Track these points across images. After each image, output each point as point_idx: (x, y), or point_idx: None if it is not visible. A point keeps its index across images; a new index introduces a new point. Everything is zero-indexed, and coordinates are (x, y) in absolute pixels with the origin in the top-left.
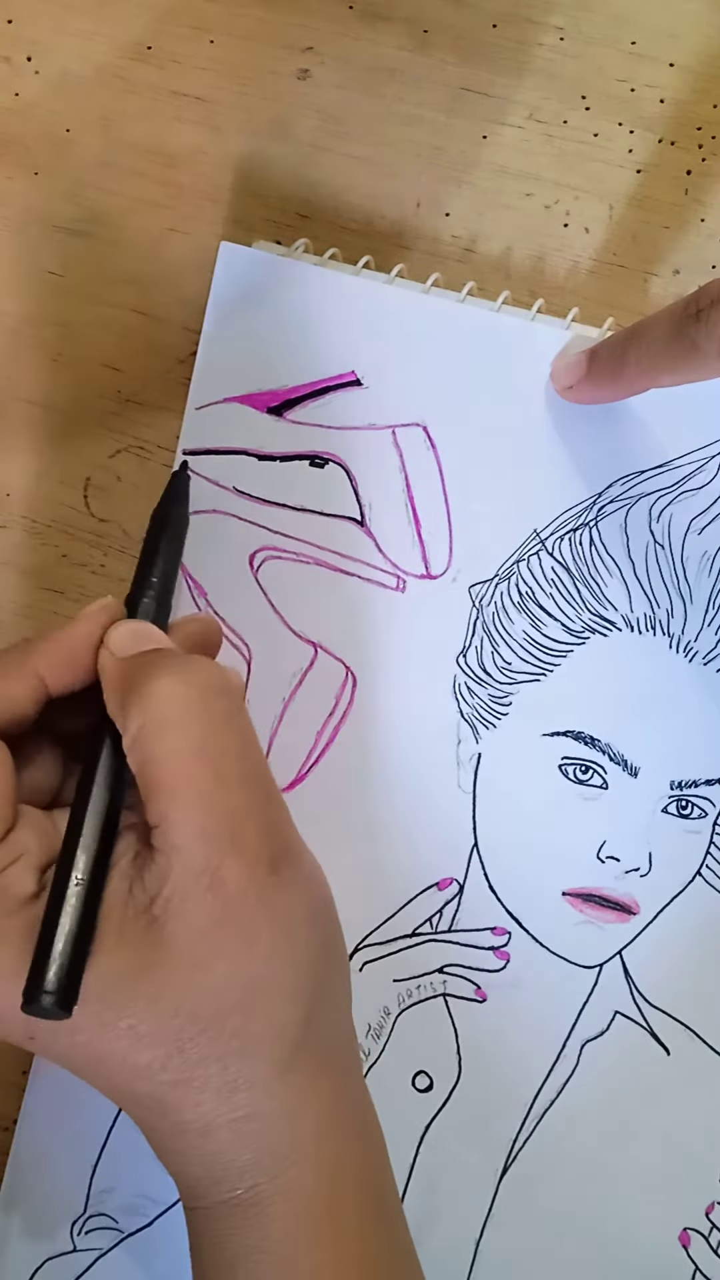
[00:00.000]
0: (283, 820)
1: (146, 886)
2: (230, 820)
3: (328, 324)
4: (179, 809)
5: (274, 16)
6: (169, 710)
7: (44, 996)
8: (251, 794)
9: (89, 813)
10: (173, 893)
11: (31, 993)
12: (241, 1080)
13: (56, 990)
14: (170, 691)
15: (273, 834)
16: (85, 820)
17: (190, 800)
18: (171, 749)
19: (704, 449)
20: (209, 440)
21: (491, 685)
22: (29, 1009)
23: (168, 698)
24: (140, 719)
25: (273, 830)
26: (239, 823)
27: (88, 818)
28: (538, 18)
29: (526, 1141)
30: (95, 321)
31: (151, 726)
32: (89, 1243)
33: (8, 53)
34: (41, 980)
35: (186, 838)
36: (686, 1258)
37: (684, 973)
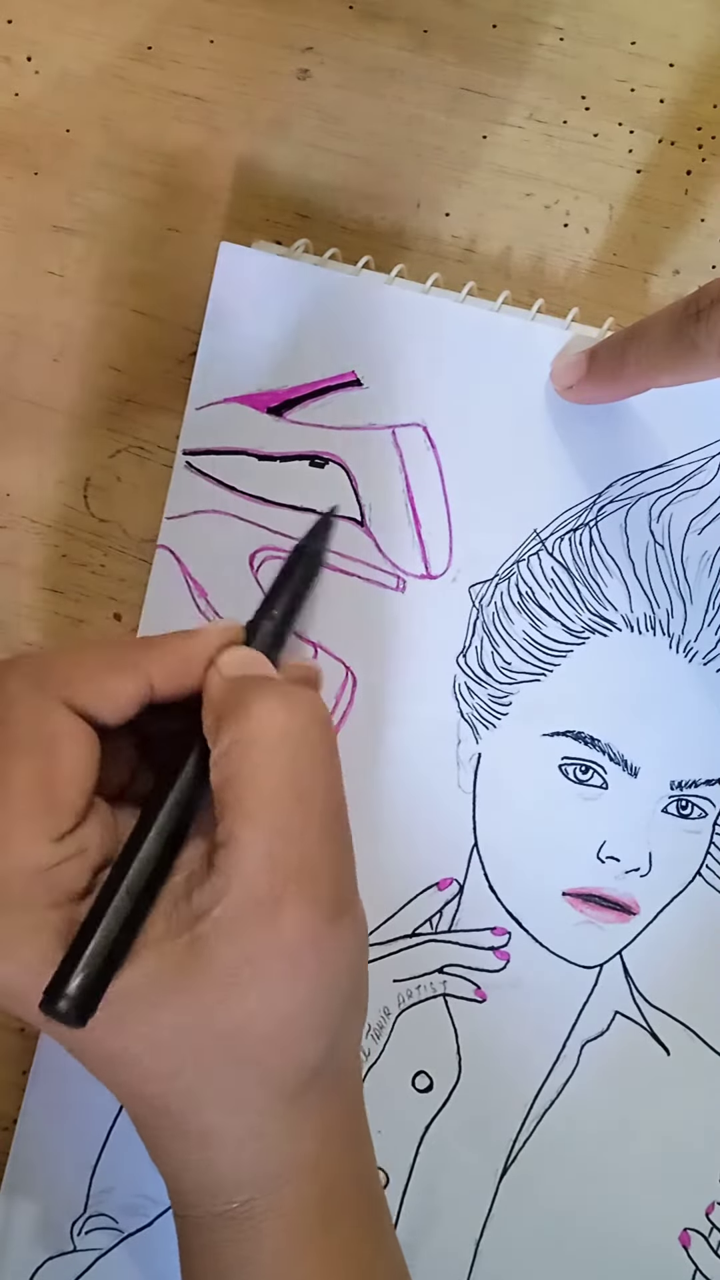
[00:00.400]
0: (350, 868)
1: (194, 903)
2: (301, 856)
3: (328, 324)
4: (251, 832)
5: (274, 16)
6: (265, 732)
7: (62, 1001)
8: (328, 835)
9: (154, 830)
10: (224, 914)
11: (52, 995)
12: (251, 1102)
13: (76, 998)
14: (270, 713)
15: (341, 881)
16: (149, 836)
17: (265, 826)
18: (259, 769)
19: (704, 449)
20: (209, 440)
21: (491, 685)
22: (46, 1009)
23: (267, 719)
24: (235, 734)
25: (341, 878)
26: (309, 861)
27: (152, 834)
28: (538, 18)
29: (526, 1142)
30: (95, 321)
31: (244, 743)
32: (89, 1243)
33: (8, 53)
34: (64, 985)
35: (253, 863)
36: (686, 1258)
37: (684, 973)
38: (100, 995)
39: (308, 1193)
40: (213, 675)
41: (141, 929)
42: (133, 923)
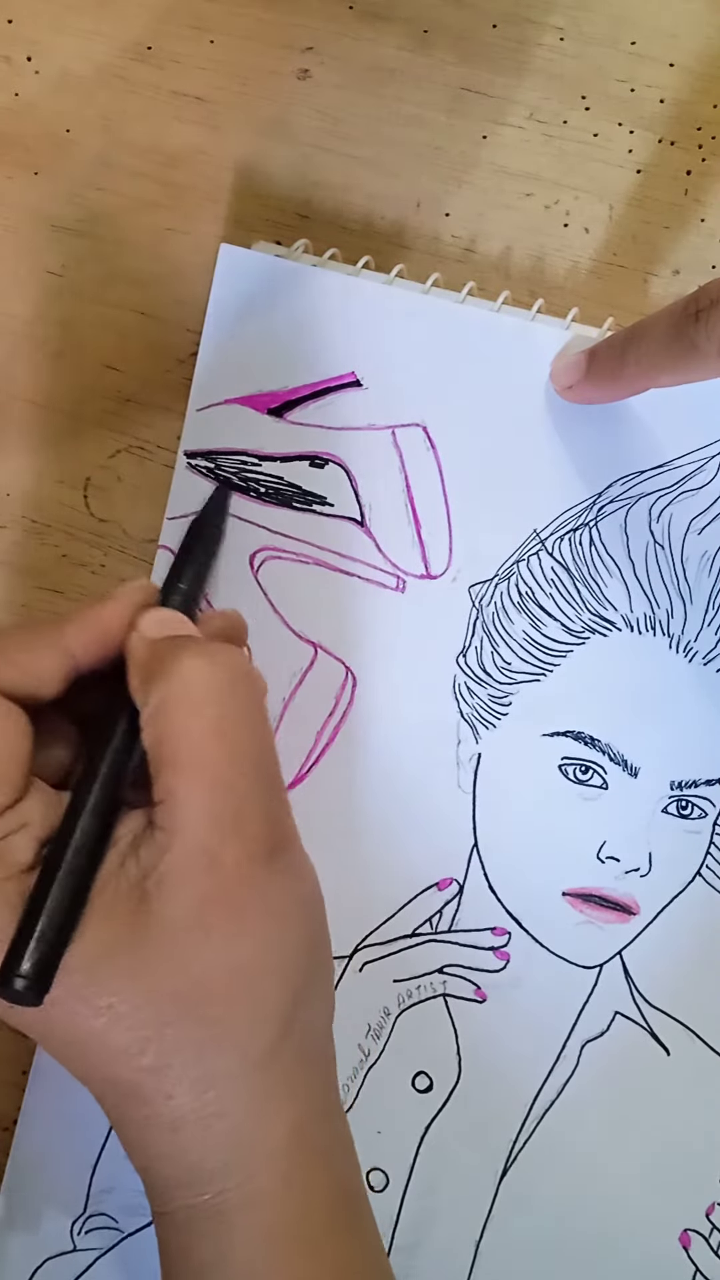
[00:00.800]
0: (284, 811)
1: (141, 862)
2: (236, 803)
3: (328, 324)
4: (186, 786)
5: (274, 16)
6: (191, 688)
7: (16, 980)
8: (260, 781)
9: (92, 794)
10: (168, 869)
11: (4, 974)
12: (215, 1074)
13: (31, 975)
14: (195, 670)
15: (274, 823)
16: (88, 801)
17: (199, 778)
18: (188, 725)
19: (704, 449)
20: (210, 441)
21: (491, 685)
22: (1, 993)
23: (192, 675)
24: (162, 694)
25: (275, 820)
26: (244, 807)
27: (91, 798)
28: (538, 18)
29: (526, 1142)
30: (95, 321)
31: (172, 702)
32: (89, 1242)
33: (8, 53)
34: (16, 964)
35: (190, 815)
36: (686, 1258)
37: (684, 973)
38: (54, 969)
39: (280, 1186)
40: (134, 638)
41: (89, 897)
42: (78, 893)
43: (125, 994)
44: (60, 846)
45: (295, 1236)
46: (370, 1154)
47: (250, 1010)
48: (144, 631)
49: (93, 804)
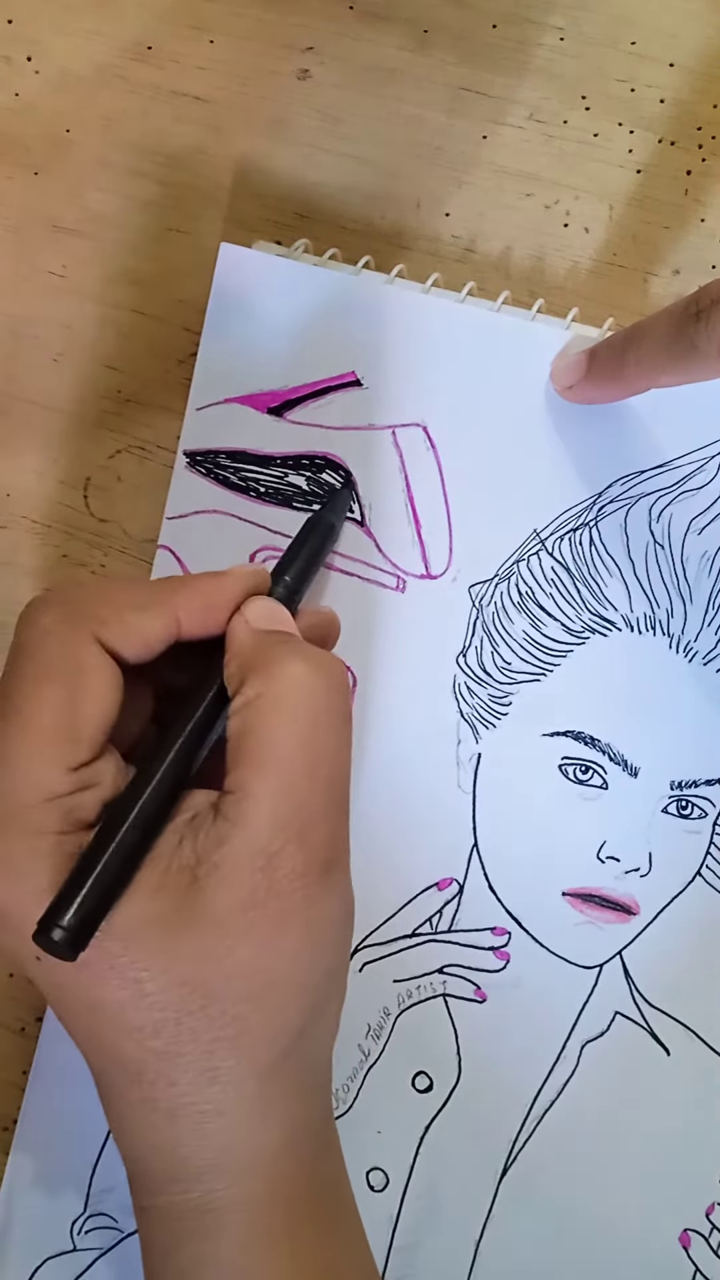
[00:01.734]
0: (345, 831)
1: (198, 845)
2: (307, 814)
3: (328, 324)
4: (264, 785)
5: (274, 16)
6: (290, 692)
7: (56, 930)
8: (332, 796)
9: (165, 763)
10: (223, 860)
11: (46, 923)
12: (222, 1071)
13: (71, 928)
14: (300, 675)
15: (335, 841)
16: (159, 770)
17: (278, 781)
18: (278, 728)
19: (704, 449)
20: (209, 441)
21: (491, 685)
22: (39, 939)
23: (295, 680)
24: (259, 689)
25: (336, 837)
26: (313, 820)
27: (163, 768)
28: (538, 18)
29: (526, 1142)
30: (95, 321)
31: (269, 699)
32: (89, 1242)
33: (8, 53)
34: (59, 915)
35: (260, 814)
36: (686, 1258)
37: (684, 973)
38: (94, 928)
39: (269, 1190)
40: (239, 624)
41: (141, 866)
42: (133, 857)
43: (155, 971)
44: (122, 811)
45: (282, 1240)
46: (370, 1154)
47: (270, 1017)
48: (250, 618)
49: (161, 775)
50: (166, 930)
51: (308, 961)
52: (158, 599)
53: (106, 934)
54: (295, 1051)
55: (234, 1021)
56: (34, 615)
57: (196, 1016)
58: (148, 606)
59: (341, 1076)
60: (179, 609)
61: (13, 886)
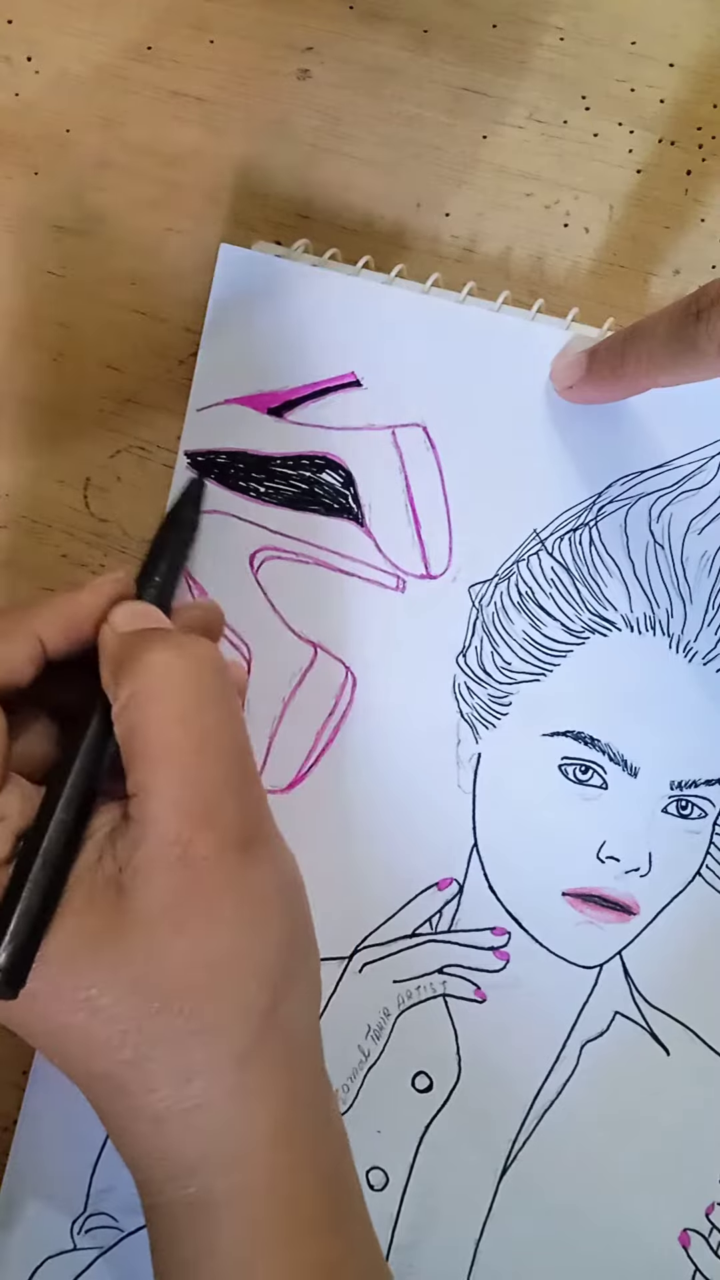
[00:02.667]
0: (259, 801)
1: (117, 855)
2: (207, 795)
3: (328, 324)
4: (158, 778)
5: (274, 16)
6: (160, 680)
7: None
8: (231, 771)
9: (67, 785)
10: (142, 862)
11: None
12: (196, 1066)
13: (5, 968)
14: (163, 662)
15: (248, 814)
16: (63, 793)
17: (170, 771)
18: (158, 718)
19: (704, 449)
20: (210, 441)
21: (491, 685)
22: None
23: (161, 668)
24: (131, 687)
25: (248, 810)
26: (216, 798)
27: (65, 790)
28: (538, 18)
29: (526, 1142)
30: (95, 321)
31: (141, 695)
32: (89, 1242)
33: (8, 53)
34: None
35: (162, 807)
36: (686, 1258)
37: (684, 973)
38: (29, 962)
39: (265, 1178)
40: (106, 631)
41: (65, 889)
42: (54, 885)
43: (103, 986)
44: (35, 839)
45: (281, 1230)
46: (370, 1154)
47: (230, 1002)
48: (115, 625)
49: (67, 797)
50: (104, 943)
51: (251, 939)
52: (12, 626)
53: (46, 961)
54: (269, 1029)
55: (193, 1015)
56: None
57: (155, 1020)
58: (3, 635)
59: (341, 1076)
60: (38, 631)
61: None
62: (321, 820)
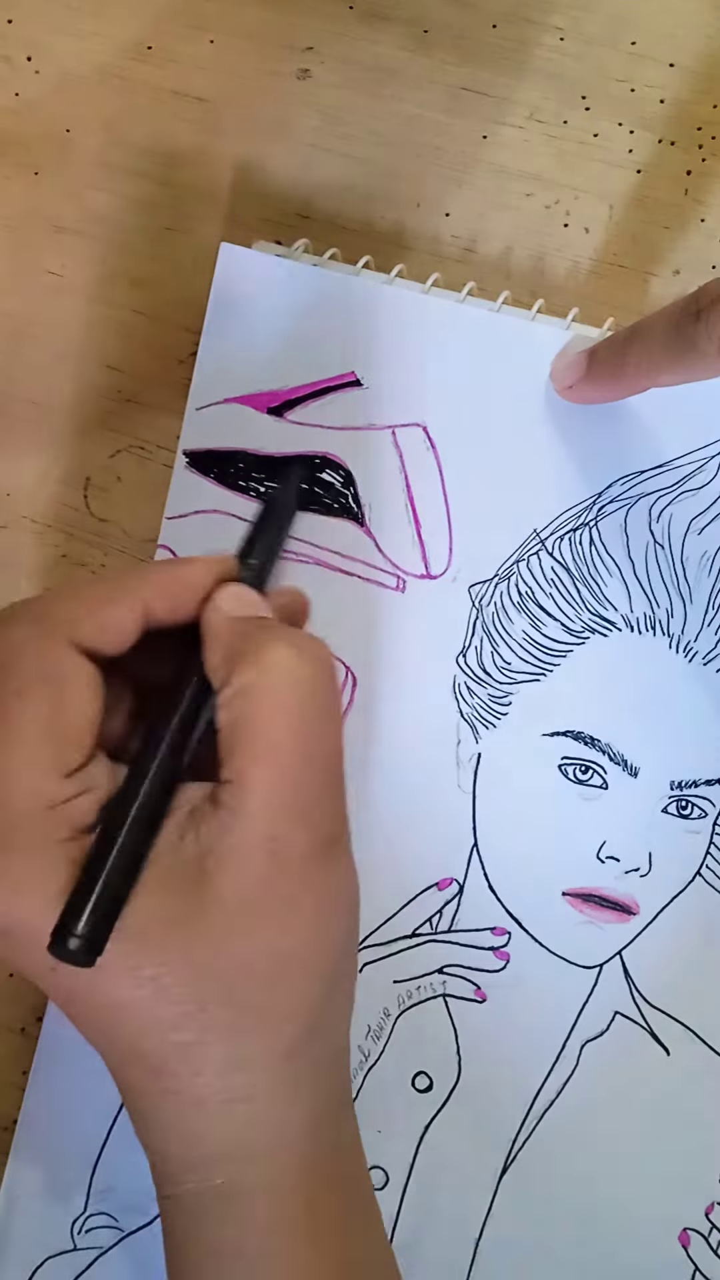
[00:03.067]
0: (344, 806)
1: (200, 839)
2: (306, 797)
3: (328, 324)
4: (260, 774)
5: (274, 16)
6: (279, 679)
7: (72, 940)
8: (329, 775)
9: (158, 759)
10: (230, 850)
11: (61, 933)
12: (245, 1057)
13: (86, 935)
14: (285, 661)
15: (337, 817)
16: (152, 766)
17: (275, 767)
18: (272, 714)
19: (704, 449)
20: (209, 440)
21: (491, 685)
22: (55, 950)
23: (281, 666)
24: (249, 677)
25: (338, 814)
26: (313, 801)
27: (156, 763)
28: (538, 18)
29: (526, 1142)
30: (95, 321)
31: (259, 688)
32: (89, 1241)
33: (8, 53)
34: (73, 924)
35: (261, 803)
36: (686, 1258)
37: (684, 973)
38: (108, 931)
39: (295, 1173)
40: (213, 613)
41: (146, 865)
42: (137, 857)
43: (173, 966)
44: (120, 811)
45: (304, 1225)
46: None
47: (288, 999)
48: (224, 608)
49: (155, 771)
50: (181, 924)
51: (320, 938)
52: (124, 590)
53: (121, 935)
54: (316, 1030)
55: (255, 1007)
56: (4, 628)
57: (218, 1005)
58: (116, 599)
59: None
60: (146, 597)
61: (18, 900)
62: None
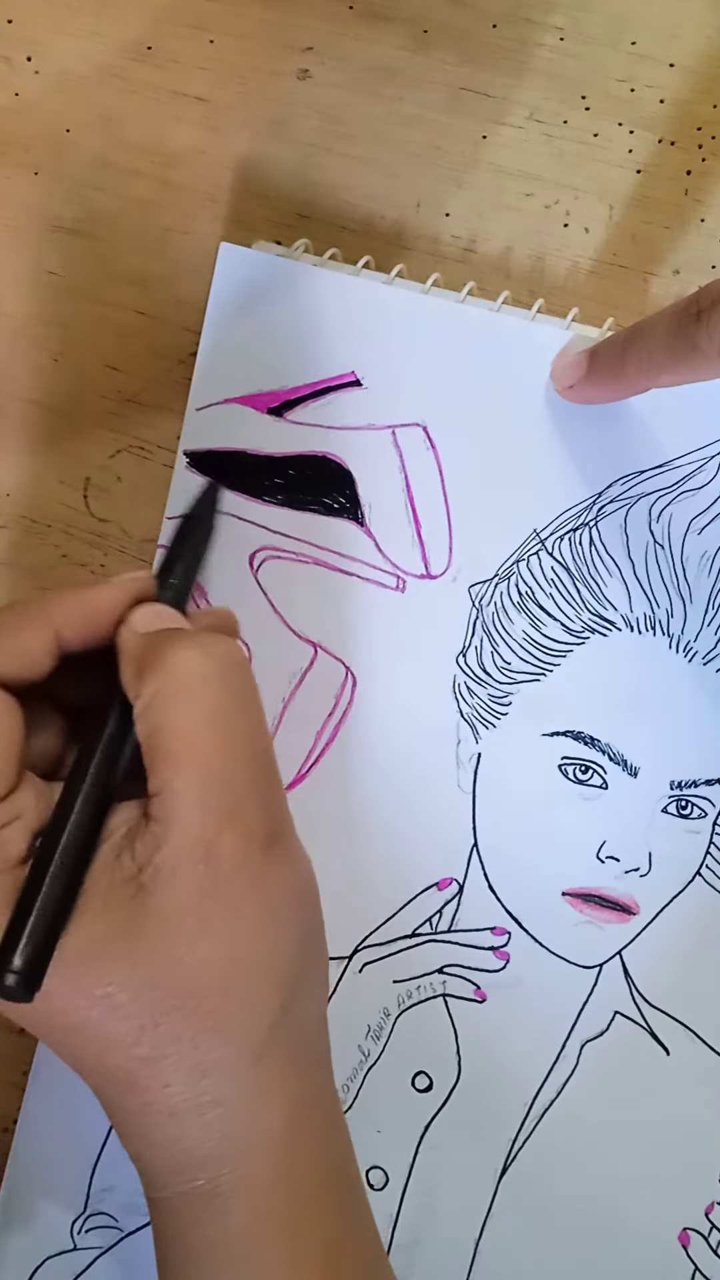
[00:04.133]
0: (280, 801)
1: (136, 855)
2: (233, 795)
3: (328, 324)
4: (183, 777)
5: (274, 16)
6: (186, 679)
7: (8, 977)
8: (255, 771)
9: (85, 783)
10: (164, 861)
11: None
12: (211, 1063)
13: (22, 971)
14: (190, 661)
15: (271, 814)
16: (80, 791)
17: (195, 770)
18: (184, 717)
19: (704, 449)
20: (209, 441)
21: (491, 685)
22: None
23: (186, 667)
24: (156, 685)
25: (272, 810)
26: (240, 798)
27: (83, 789)
28: (538, 18)
29: (526, 1141)
30: (95, 321)
31: (166, 693)
32: (89, 1241)
33: (8, 53)
34: (7, 959)
35: (187, 807)
36: (686, 1257)
37: (684, 973)
38: (45, 964)
39: (273, 1170)
40: (126, 632)
41: (83, 888)
42: (72, 884)
43: (122, 983)
44: (52, 840)
45: (286, 1218)
46: (370, 1153)
47: (246, 1001)
48: (136, 626)
49: (85, 796)
50: (122, 940)
51: (271, 938)
52: (31, 617)
53: (64, 961)
54: (282, 1027)
55: (211, 1013)
56: None
57: (173, 1016)
58: (22, 626)
59: (342, 1076)
60: (56, 623)
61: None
62: (322, 820)
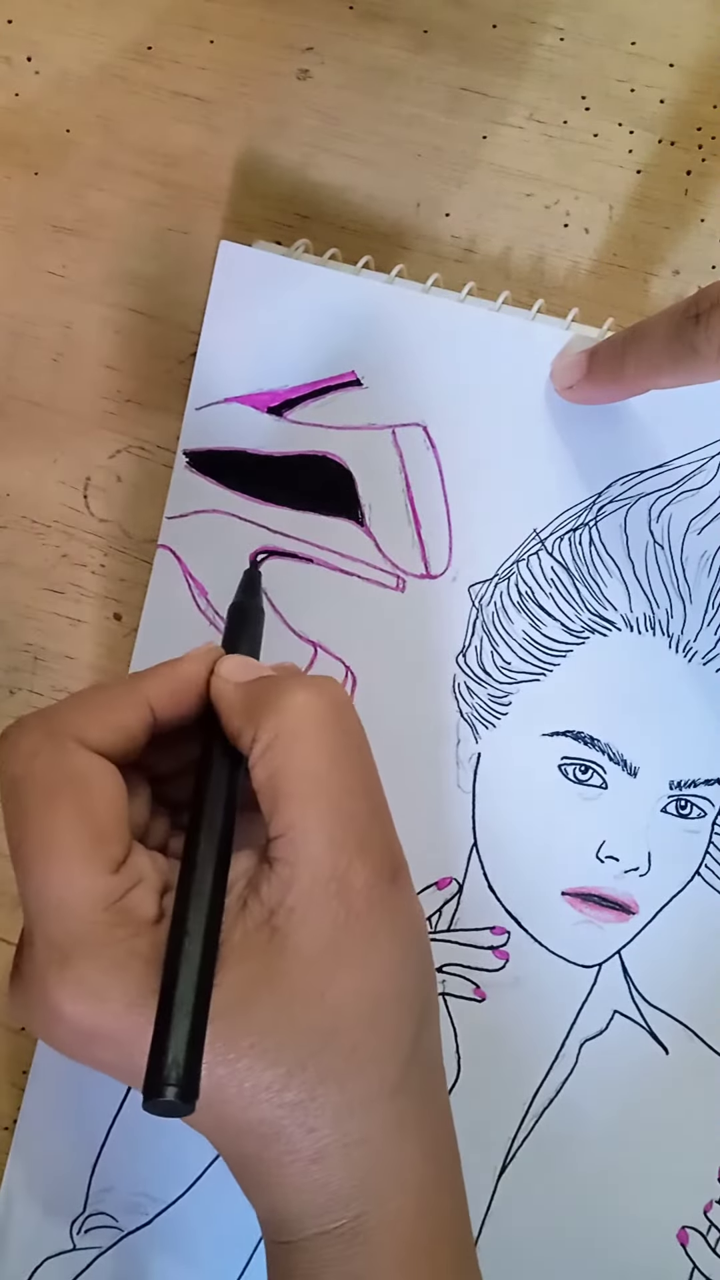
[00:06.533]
0: (394, 833)
1: (264, 899)
2: (358, 829)
3: (328, 324)
4: (310, 816)
5: (274, 16)
6: (303, 721)
7: (167, 1090)
8: (374, 805)
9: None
10: (297, 901)
11: (153, 1086)
12: (356, 1101)
13: (180, 1083)
14: (305, 703)
15: (391, 844)
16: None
17: (322, 807)
18: (305, 757)
19: (704, 449)
20: (209, 440)
21: (491, 685)
22: (151, 1106)
23: (302, 709)
24: (273, 730)
25: (391, 841)
26: (365, 832)
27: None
28: (538, 18)
29: (525, 1140)
30: (95, 321)
31: (286, 737)
32: (88, 1241)
33: (8, 53)
34: (164, 1074)
35: (317, 844)
36: (685, 1256)
37: (683, 972)
38: (198, 1068)
39: (415, 1205)
40: (221, 684)
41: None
42: (207, 968)
43: (267, 1030)
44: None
45: (427, 1256)
46: None
47: (385, 1034)
48: (229, 676)
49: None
50: (264, 986)
51: (403, 967)
52: (127, 693)
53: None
54: (415, 1059)
55: (356, 1049)
56: (15, 742)
57: (320, 1057)
58: (120, 704)
59: None
60: (149, 696)
61: (100, 1008)
62: None
